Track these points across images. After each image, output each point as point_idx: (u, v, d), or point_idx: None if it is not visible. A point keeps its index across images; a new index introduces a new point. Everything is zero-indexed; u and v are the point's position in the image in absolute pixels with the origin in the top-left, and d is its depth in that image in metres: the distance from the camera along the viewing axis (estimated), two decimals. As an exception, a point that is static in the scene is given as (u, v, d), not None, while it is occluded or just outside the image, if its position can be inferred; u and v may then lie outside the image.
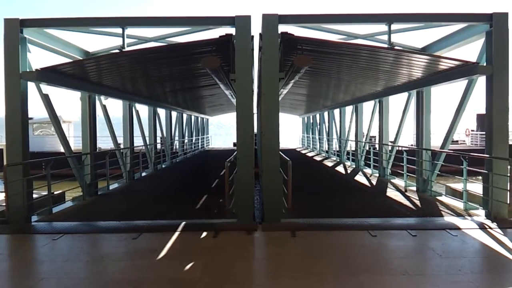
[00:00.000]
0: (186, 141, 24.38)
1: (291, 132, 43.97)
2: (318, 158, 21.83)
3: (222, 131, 70.58)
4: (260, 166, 8.20)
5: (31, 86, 8.10)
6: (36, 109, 12.93)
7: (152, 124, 16.69)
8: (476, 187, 8.73)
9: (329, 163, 19.08)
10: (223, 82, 9.71)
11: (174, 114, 21.00)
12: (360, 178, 13.68)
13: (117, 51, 8.76)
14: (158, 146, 18.52)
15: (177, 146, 22.10)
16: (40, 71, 7.89)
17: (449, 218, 7.54)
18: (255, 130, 10.22)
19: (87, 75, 9.67)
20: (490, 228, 6.77)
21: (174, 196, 10.75)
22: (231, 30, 7.39)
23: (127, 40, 8.47)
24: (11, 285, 4.86)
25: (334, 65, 10.35)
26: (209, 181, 13.09)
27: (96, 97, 10.90)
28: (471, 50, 8.64)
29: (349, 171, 15.88)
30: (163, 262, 5.41)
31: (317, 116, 26.03)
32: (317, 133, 26.22)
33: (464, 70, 8.00)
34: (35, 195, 8.30)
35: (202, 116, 29.88)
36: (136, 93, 13.89)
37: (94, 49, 9.99)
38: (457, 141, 28.77)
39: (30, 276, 5.10)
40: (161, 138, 18.80)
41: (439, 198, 9.49)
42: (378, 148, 14.30)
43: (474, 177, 10.60)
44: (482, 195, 7.91)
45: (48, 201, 8.23)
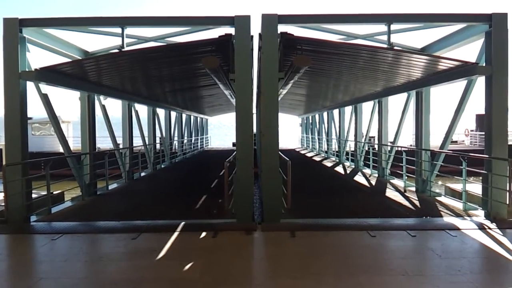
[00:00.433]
0: (185, 141, 24.38)
1: (291, 132, 43.97)
2: (318, 158, 21.83)
3: (221, 131, 70.55)
4: (259, 166, 8.19)
5: (30, 85, 8.09)
6: (35, 109, 12.93)
7: (151, 124, 16.70)
8: (475, 187, 8.73)
9: (328, 163, 19.07)
10: (223, 82, 9.70)
11: (174, 114, 21.00)
12: (359, 178, 13.68)
13: (117, 51, 8.77)
14: (158, 146, 18.51)
15: (177, 146, 22.09)
16: (39, 70, 7.88)
17: (448, 219, 7.54)
18: (255, 130, 10.20)
19: (86, 75, 9.66)
20: (490, 228, 6.77)
21: (174, 196, 10.74)
22: (231, 30, 7.39)
23: (126, 40, 8.47)
24: (10, 285, 4.86)
25: (334, 65, 10.34)
26: (208, 181, 13.09)
27: (95, 97, 10.89)
28: (470, 51, 8.65)
29: (348, 172, 15.87)
30: (162, 262, 5.41)
31: (317, 116, 26.04)
32: (316, 134, 26.23)
33: (463, 70, 8.00)
34: (34, 195, 8.31)
35: (202, 116, 29.88)
36: (135, 93, 13.88)
37: (93, 49, 9.98)
38: (456, 141, 28.79)
39: (29, 276, 5.09)
40: (160, 138, 18.79)
41: (438, 198, 9.50)
42: (377, 149, 14.29)
43: (473, 177, 10.60)
44: (481, 196, 7.92)
45: (47, 201, 8.22)
